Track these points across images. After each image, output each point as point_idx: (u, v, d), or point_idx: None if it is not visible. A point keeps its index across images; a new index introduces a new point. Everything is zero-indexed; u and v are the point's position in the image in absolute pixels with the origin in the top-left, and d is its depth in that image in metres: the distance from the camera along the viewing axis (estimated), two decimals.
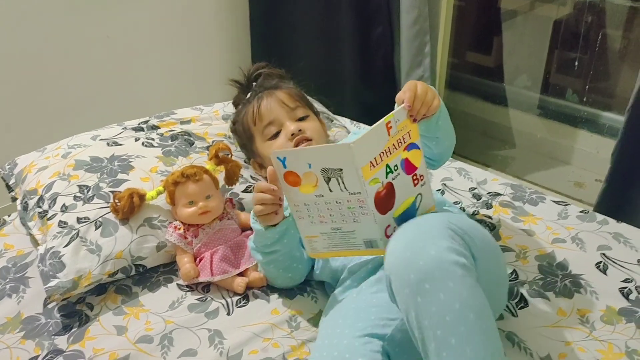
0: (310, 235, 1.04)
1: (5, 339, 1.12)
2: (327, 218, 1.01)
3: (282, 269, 1.17)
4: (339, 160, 0.93)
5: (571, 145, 2.44)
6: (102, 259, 1.18)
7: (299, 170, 0.98)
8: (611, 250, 1.26)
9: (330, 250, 1.05)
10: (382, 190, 0.97)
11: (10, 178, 1.42)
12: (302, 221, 1.04)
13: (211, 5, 2.41)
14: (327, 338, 0.96)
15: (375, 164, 0.95)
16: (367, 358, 0.90)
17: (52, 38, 2.03)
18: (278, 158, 0.99)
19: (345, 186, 0.95)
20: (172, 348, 1.07)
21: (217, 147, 1.30)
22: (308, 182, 0.98)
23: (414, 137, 1.02)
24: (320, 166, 0.95)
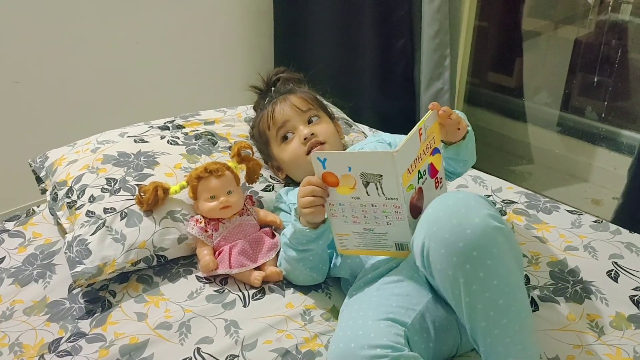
0: (342, 232, 1.08)
1: (31, 321, 1.17)
2: (360, 219, 1.05)
3: (309, 267, 1.20)
4: (380, 167, 0.97)
5: (589, 162, 2.44)
6: (126, 247, 1.22)
7: (338, 171, 1.02)
8: (623, 259, 1.28)
9: (360, 249, 1.10)
10: (416, 195, 1.02)
11: (41, 170, 1.48)
12: (335, 219, 1.08)
13: (236, 12, 2.48)
14: (350, 320, 0.99)
15: (411, 170, 1.00)
16: (391, 340, 0.92)
17: (87, 43, 2.12)
18: (319, 158, 1.02)
19: (383, 191, 0.99)
20: (189, 335, 1.11)
21: (239, 146, 1.35)
22: (346, 184, 1.02)
23: (437, 142, 1.08)
24: (360, 170, 0.99)
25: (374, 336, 0.93)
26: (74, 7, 2.05)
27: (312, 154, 1.03)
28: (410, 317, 0.98)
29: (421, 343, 0.98)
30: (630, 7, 2.28)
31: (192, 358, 1.06)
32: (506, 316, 0.91)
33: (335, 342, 0.98)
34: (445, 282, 0.94)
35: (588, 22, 2.47)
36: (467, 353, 1.08)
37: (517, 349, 0.92)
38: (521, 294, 0.94)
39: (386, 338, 0.92)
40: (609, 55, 2.37)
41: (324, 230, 1.13)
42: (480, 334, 0.93)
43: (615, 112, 2.41)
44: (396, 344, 0.92)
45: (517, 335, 0.92)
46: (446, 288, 0.95)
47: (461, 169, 1.26)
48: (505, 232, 0.93)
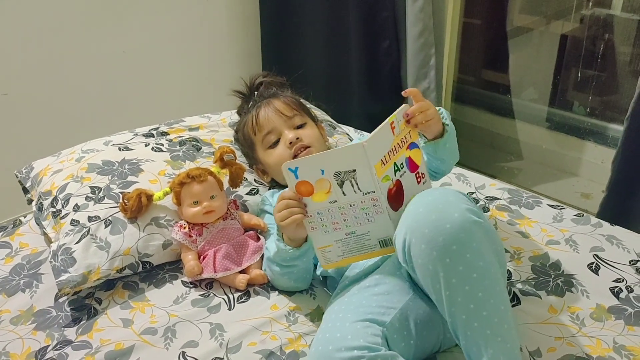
0: (324, 245, 1.08)
1: (18, 330, 1.18)
2: (340, 224, 1.05)
3: (293, 280, 1.22)
4: (352, 161, 0.98)
5: (578, 156, 2.46)
6: (111, 255, 1.24)
7: (311, 178, 1.02)
8: (604, 251, 1.29)
9: (344, 258, 1.09)
10: (393, 187, 1.02)
11: (26, 181, 1.49)
12: (315, 232, 1.08)
13: (222, 18, 2.50)
14: (330, 321, 1.00)
15: (385, 161, 1.00)
16: (367, 340, 0.93)
17: (75, 54, 2.13)
18: (290, 169, 1.02)
19: (359, 187, 1.00)
20: (174, 339, 1.12)
21: (222, 151, 1.36)
22: (321, 190, 1.02)
23: (414, 137, 1.09)
24: (333, 170, 0.99)
25: (351, 338, 0.94)
26: (61, 19, 2.07)
27: (283, 166, 1.03)
28: (389, 316, 0.99)
29: (401, 341, 0.99)
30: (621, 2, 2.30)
31: None
32: (485, 309, 0.93)
33: (314, 345, 0.99)
34: (426, 276, 0.96)
35: (574, 17, 2.49)
36: (450, 349, 1.09)
37: (497, 341, 0.93)
38: (500, 287, 0.95)
39: (363, 339, 0.93)
40: (595, 50, 2.38)
41: (307, 249, 1.15)
42: (461, 328, 0.94)
43: (602, 106, 2.42)
44: (373, 344, 0.93)
45: (497, 328, 0.93)
46: (427, 282, 0.97)
47: (443, 167, 1.27)
48: (484, 227, 0.95)
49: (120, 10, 2.21)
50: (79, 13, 2.10)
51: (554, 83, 2.56)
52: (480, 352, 0.93)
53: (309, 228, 1.08)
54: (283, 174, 1.04)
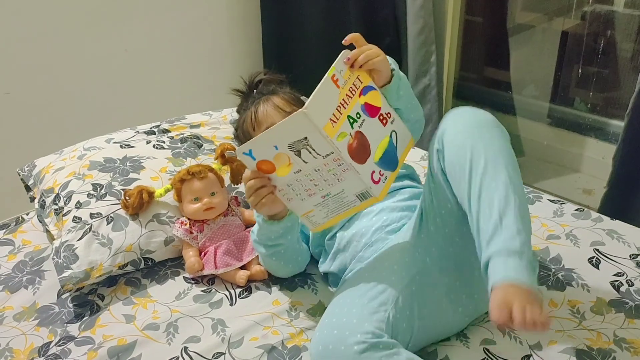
0: (306, 211, 1.06)
1: (21, 326, 1.19)
2: (313, 190, 1.03)
3: (283, 261, 1.22)
4: (300, 130, 0.95)
5: (580, 152, 2.46)
6: (113, 251, 1.24)
7: (268, 156, 1.00)
8: (604, 245, 1.29)
9: (330, 218, 1.07)
10: (353, 141, 0.98)
11: (29, 179, 1.50)
12: (292, 202, 1.06)
13: (224, 17, 2.50)
14: (337, 307, 1.02)
15: (335, 119, 0.96)
16: (373, 325, 0.96)
17: (77, 53, 2.14)
18: (245, 153, 1.01)
19: (316, 152, 0.97)
20: (176, 335, 1.13)
21: (222, 147, 1.37)
22: (282, 164, 1.00)
23: (365, 80, 1.03)
24: (286, 143, 0.97)
25: (356, 322, 0.96)
26: (63, 18, 2.07)
27: (237, 152, 1.02)
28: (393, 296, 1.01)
29: (403, 322, 1.01)
30: None
31: (179, 357, 1.08)
32: (504, 171, 0.94)
33: (319, 329, 1.00)
34: (454, 152, 0.98)
35: (575, 13, 2.49)
36: (450, 341, 1.09)
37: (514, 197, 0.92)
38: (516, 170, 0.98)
39: (368, 323, 0.96)
40: (596, 46, 2.38)
41: (290, 225, 1.14)
42: (478, 190, 0.94)
43: (603, 102, 2.42)
44: (377, 330, 0.95)
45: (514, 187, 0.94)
46: (454, 159, 0.98)
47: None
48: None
49: (122, 9, 2.21)
50: (81, 12, 2.11)
51: (555, 79, 2.56)
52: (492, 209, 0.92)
53: (285, 200, 1.06)
54: (243, 162, 1.03)
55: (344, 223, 1.23)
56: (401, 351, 0.96)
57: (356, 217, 1.22)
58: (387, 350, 0.94)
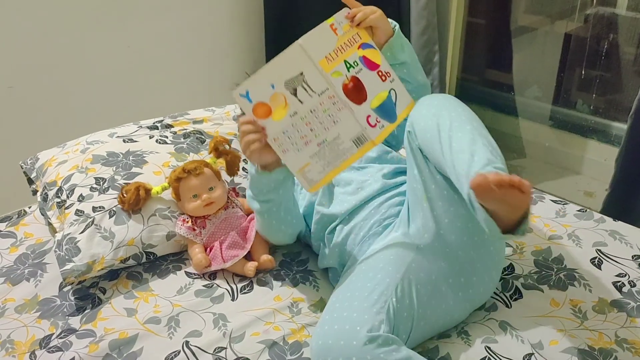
0: (302, 166, 1.05)
1: (23, 318, 1.19)
2: (309, 135, 1.04)
3: (275, 219, 1.22)
4: (295, 64, 0.99)
5: (581, 155, 2.46)
6: (115, 245, 1.24)
7: (264, 97, 1.01)
8: (607, 246, 1.29)
9: (327, 173, 1.07)
10: (349, 82, 1.03)
11: (32, 172, 1.50)
12: (288, 154, 1.05)
13: (227, 13, 2.50)
14: (338, 302, 1.04)
15: (331, 58, 1.02)
16: (372, 317, 0.97)
17: (80, 48, 2.13)
18: (241, 95, 1.01)
19: (312, 89, 1.00)
20: (178, 329, 1.13)
21: (215, 141, 1.36)
22: (278, 105, 1.02)
23: (365, 38, 1.09)
24: (283, 80, 1.00)
25: (356, 316, 0.97)
26: (66, 14, 2.07)
27: (234, 94, 1.02)
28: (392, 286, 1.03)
29: (403, 311, 1.01)
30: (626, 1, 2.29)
31: (180, 351, 1.08)
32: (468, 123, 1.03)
33: (320, 325, 1.02)
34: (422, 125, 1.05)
35: (578, 16, 2.49)
36: (451, 338, 1.09)
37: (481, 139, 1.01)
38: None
39: (367, 315, 0.97)
40: (599, 48, 2.38)
41: (281, 179, 1.14)
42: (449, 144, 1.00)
43: (605, 104, 2.42)
44: (377, 323, 0.97)
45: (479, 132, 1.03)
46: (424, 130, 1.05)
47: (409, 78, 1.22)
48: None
49: (125, 5, 2.21)
50: (84, 8, 2.11)
51: (557, 81, 2.56)
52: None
53: (281, 152, 1.05)
54: (239, 105, 1.04)
55: (343, 217, 1.23)
56: (401, 348, 0.96)
57: (355, 211, 1.23)
58: (386, 346, 0.95)
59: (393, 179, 1.26)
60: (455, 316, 1.10)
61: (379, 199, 1.22)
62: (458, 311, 1.10)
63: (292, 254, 1.34)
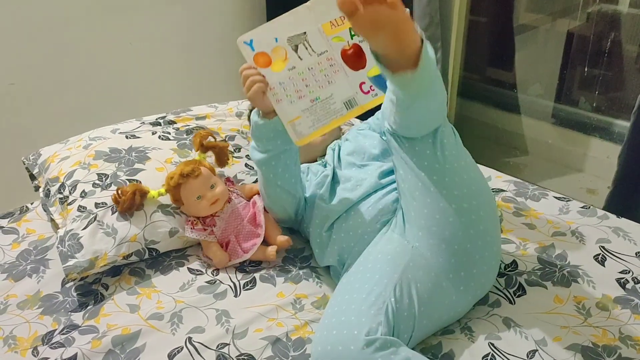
0: (293, 118, 1.12)
1: (25, 314, 1.19)
2: (304, 91, 1.11)
3: (273, 173, 1.24)
4: (300, 23, 1.07)
5: (583, 152, 2.45)
6: (118, 241, 1.24)
7: (267, 47, 1.09)
8: (610, 243, 1.29)
9: (316, 129, 1.13)
10: (349, 49, 1.10)
11: (34, 167, 1.50)
12: (281, 104, 1.12)
13: (229, 10, 2.50)
14: (336, 305, 1.04)
15: (336, 24, 1.08)
16: (370, 320, 0.97)
17: (81, 45, 2.14)
18: (245, 42, 1.09)
19: (312, 49, 1.08)
20: (181, 325, 1.13)
21: (200, 136, 1.35)
22: (278, 58, 1.09)
23: None
24: (286, 36, 1.08)
25: (354, 319, 0.97)
26: (67, 10, 2.07)
27: (238, 41, 1.09)
28: (391, 287, 1.02)
29: (404, 311, 1.01)
30: None
31: (183, 347, 1.08)
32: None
33: (319, 330, 1.02)
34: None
35: (580, 14, 2.48)
36: (455, 335, 1.09)
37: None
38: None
39: (365, 318, 0.97)
40: (601, 46, 2.38)
41: (280, 128, 1.16)
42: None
43: (607, 101, 2.42)
44: (375, 325, 0.96)
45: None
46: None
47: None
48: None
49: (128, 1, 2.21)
50: (86, 3, 2.11)
51: (560, 79, 2.56)
52: None
53: (274, 101, 1.12)
54: (241, 51, 1.10)
55: (340, 214, 1.23)
56: (400, 350, 0.96)
57: (352, 208, 1.23)
58: (384, 350, 0.94)
59: (391, 176, 1.25)
60: (459, 310, 1.10)
61: (376, 196, 1.22)
62: (461, 305, 1.10)
63: (295, 251, 1.34)
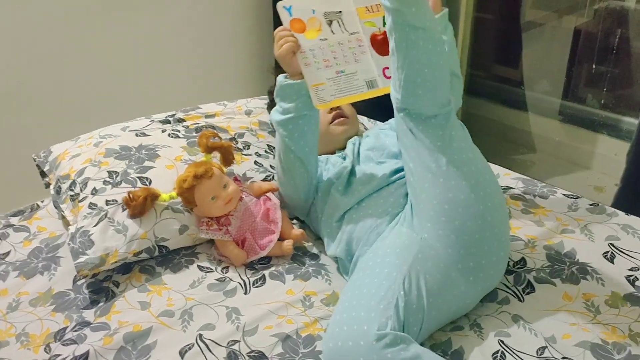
0: (317, 82, 1.19)
1: (37, 312, 1.20)
2: (331, 61, 1.19)
3: (288, 138, 1.28)
4: (338, 2, 1.18)
5: (591, 149, 2.45)
6: (128, 238, 1.25)
7: (303, 16, 1.18)
8: (619, 240, 1.29)
9: (337, 98, 1.21)
10: (380, 34, 1.19)
11: (45, 165, 1.51)
12: (308, 68, 1.20)
13: (236, 8, 2.51)
14: (347, 301, 1.06)
15: (371, 10, 1.18)
16: (379, 315, 0.99)
17: (89, 43, 2.15)
18: (284, 7, 1.19)
19: (345, 27, 1.18)
20: (191, 322, 1.13)
21: (205, 137, 1.34)
22: (312, 28, 1.18)
23: None
24: (323, 11, 1.19)
25: (364, 315, 0.98)
26: (75, 8, 2.08)
27: (278, 5, 1.19)
28: (399, 281, 1.03)
29: (412, 303, 1.02)
30: None
31: (194, 344, 1.08)
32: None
33: (331, 326, 1.03)
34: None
35: (587, 11, 2.47)
36: (464, 332, 1.10)
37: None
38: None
39: (374, 313, 0.98)
40: (609, 42, 2.37)
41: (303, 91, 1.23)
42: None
43: (615, 99, 2.41)
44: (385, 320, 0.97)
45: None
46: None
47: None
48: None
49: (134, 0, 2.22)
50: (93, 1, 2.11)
51: (567, 76, 2.55)
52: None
53: (303, 64, 1.20)
54: (279, 15, 1.20)
55: (351, 206, 1.25)
56: (410, 347, 0.96)
57: (363, 201, 1.25)
58: (394, 346, 0.95)
59: (403, 172, 1.26)
60: (467, 301, 1.11)
61: (388, 189, 1.25)
62: (470, 296, 1.10)
63: (304, 248, 1.35)
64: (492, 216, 1.09)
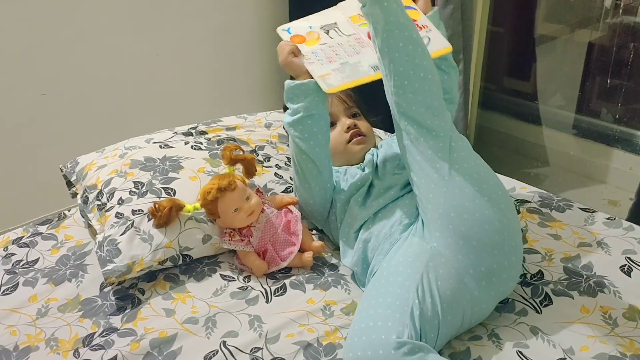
0: (323, 73, 1.24)
1: (66, 317, 1.23)
2: (334, 58, 1.26)
3: (299, 137, 1.32)
4: (332, 17, 1.31)
5: (605, 163, 2.46)
6: (154, 247, 1.28)
7: (301, 31, 1.30)
8: (636, 254, 1.30)
9: (344, 82, 1.25)
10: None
11: (71, 175, 1.55)
12: (313, 65, 1.26)
13: (254, 22, 2.55)
14: (364, 310, 1.08)
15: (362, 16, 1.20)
16: (396, 323, 1.01)
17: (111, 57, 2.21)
18: (283, 29, 1.31)
19: (342, 32, 1.29)
20: (215, 329, 1.16)
21: (229, 149, 1.37)
22: (312, 38, 1.27)
23: (406, 1, 1.27)
24: (319, 25, 1.30)
25: (381, 324, 1.01)
26: (98, 23, 2.14)
27: (277, 29, 1.32)
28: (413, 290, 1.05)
29: (427, 311, 1.04)
30: None
31: (218, 350, 1.11)
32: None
33: (350, 336, 1.06)
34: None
35: (601, 25, 2.50)
36: (482, 341, 1.11)
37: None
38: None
39: (391, 322, 1.01)
40: (623, 57, 2.39)
41: (312, 93, 1.28)
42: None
43: (630, 113, 2.43)
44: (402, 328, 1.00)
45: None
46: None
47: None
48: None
49: (156, 13, 2.27)
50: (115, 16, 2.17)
51: (581, 90, 2.57)
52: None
53: (307, 63, 1.26)
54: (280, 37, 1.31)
55: (366, 218, 1.29)
56: (428, 356, 0.98)
57: (379, 212, 1.29)
58: (412, 355, 0.97)
59: None
60: (482, 306, 1.12)
61: (402, 200, 1.28)
62: (485, 301, 1.12)
63: (323, 259, 1.37)
64: (499, 221, 1.11)
